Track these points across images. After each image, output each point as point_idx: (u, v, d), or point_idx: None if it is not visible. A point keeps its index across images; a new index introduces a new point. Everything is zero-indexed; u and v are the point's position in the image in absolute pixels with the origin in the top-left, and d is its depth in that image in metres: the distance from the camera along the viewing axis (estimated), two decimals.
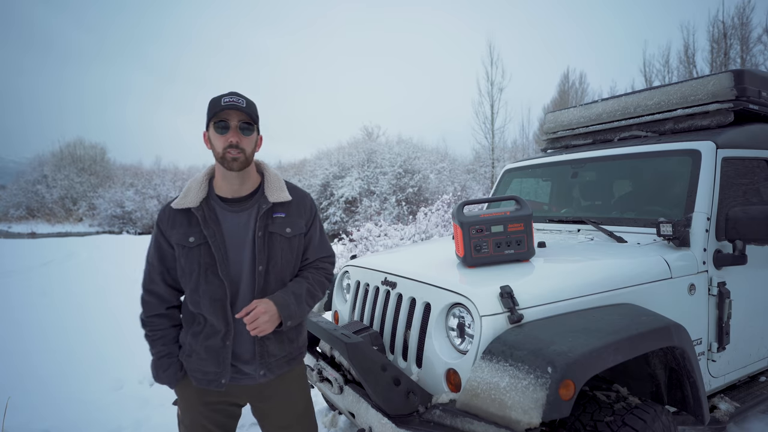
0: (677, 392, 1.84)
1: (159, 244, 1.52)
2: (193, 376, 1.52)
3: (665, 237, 2.17)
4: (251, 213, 1.52)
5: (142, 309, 1.56)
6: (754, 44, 15.54)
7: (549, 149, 3.65)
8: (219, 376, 1.49)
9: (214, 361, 1.49)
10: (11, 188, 34.53)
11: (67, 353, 4.12)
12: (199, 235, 1.47)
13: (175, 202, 1.50)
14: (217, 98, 1.45)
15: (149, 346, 1.56)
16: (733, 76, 2.52)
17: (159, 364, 1.55)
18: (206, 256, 1.46)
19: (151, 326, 1.55)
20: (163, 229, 1.51)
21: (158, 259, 1.53)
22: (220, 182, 1.53)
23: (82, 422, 2.95)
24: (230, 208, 1.52)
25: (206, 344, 1.49)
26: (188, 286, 1.49)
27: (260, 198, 1.55)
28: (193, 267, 1.47)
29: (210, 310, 1.47)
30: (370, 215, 17.80)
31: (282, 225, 1.54)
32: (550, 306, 1.74)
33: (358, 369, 1.73)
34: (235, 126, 1.44)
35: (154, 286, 1.54)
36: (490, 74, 20.08)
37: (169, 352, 1.55)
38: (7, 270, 8.84)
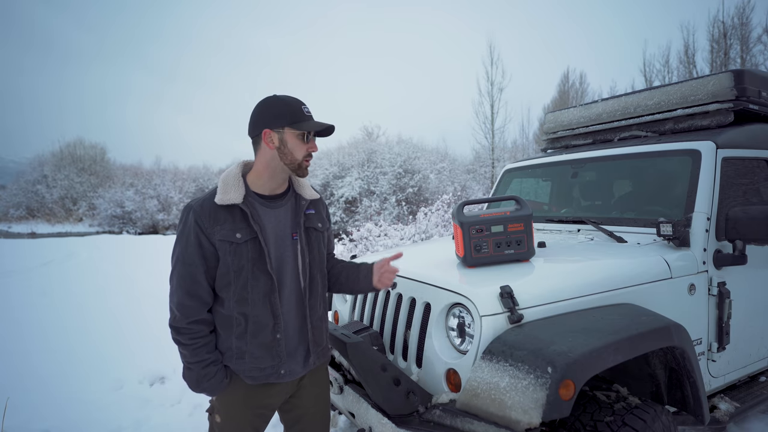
0: (677, 392, 1.84)
1: (200, 242, 1.44)
2: (249, 376, 1.50)
3: (665, 237, 2.17)
4: (287, 209, 1.57)
5: (180, 315, 1.44)
6: (754, 44, 15.55)
7: (549, 149, 3.65)
8: (277, 368, 1.51)
9: (269, 355, 1.49)
10: (11, 188, 34.52)
11: (67, 353, 4.12)
12: (246, 231, 1.45)
13: (217, 197, 1.45)
14: (295, 104, 1.48)
15: (189, 356, 1.46)
16: (733, 76, 2.52)
17: (205, 372, 1.46)
18: (254, 252, 1.46)
19: (191, 333, 1.45)
20: (203, 226, 1.44)
21: (201, 258, 1.44)
22: (263, 181, 1.53)
23: (82, 422, 2.95)
24: (268, 204, 1.54)
25: (256, 342, 1.48)
26: (235, 283, 1.45)
27: (293, 196, 1.60)
28: (242, 263, 1.44)
29: (260, 305, 1.47)
30: (370, 215, 17.80)
31: (314, 220, 1.62)
32: (550, 306, 1.74)
33: (358, 369, 1.73)
34: (312, 136, 1.52)
35: (198, 288, 1.45)
36: (490, 74, 20.09)
37: (215, 359, 1.48)
38: (7, 270, 8.84)
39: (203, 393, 1.50)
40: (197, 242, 1.44)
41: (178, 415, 3.04)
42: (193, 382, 1.48)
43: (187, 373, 1.49)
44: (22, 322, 5.13)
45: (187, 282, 1.45)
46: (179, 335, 1.46)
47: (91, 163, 35.48)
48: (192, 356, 1.46)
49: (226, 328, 1.49)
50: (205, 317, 1.48)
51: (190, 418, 3.01)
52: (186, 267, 1.45)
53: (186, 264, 1.45)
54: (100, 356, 4.02)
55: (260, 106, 1.50)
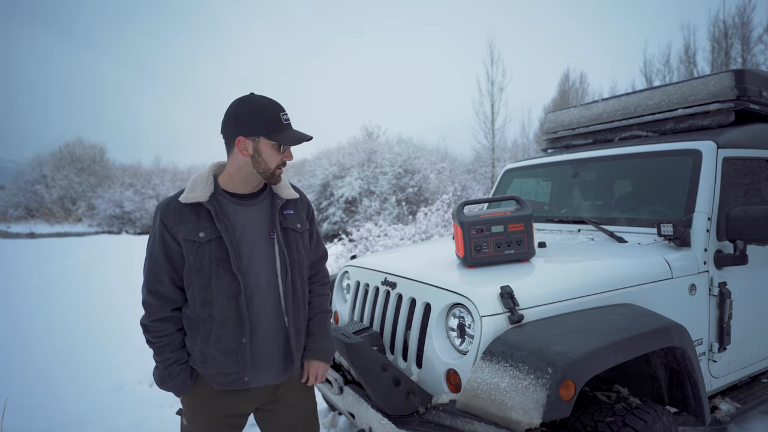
0: (678, 393, 1.83)
1: (164, 240, 1.43)
2: (213, 381, 1.46)
3: (666, 237, 2.16)
4: (262, 208, 1.52)
5: (146, 313, 1.45)
6: (755, 44, 15.56)
7: (549, 149, 3.64)
8: (241, 375, 1.45)
9: (233, 360, 1.44)
10: (10, 188, 34.52)
11: (67, 353, 4.12)
12: (209, 230, 1.42)
13: (182, 196, 1.44)
14: (273, 111, 1.43)
15: (154, 353, 1.47)
16: (734, 76, 2.52)
17: (167, 372, 1.45)
18: (218, 251, 1.42)
19: (156, 332, 1.45)
20: (168, 225, 1.42)
21: (165, 257, 1.43)
22: (235, 182, 1.50)
23: (81, 422, 2.94)
24: (240, 202, 1.50)
25: (219, 346, 1.43)
26: (197, 284, 1.42)
27: (269, 194, 1.56)
28: (204, 263, 1.41)
29: (224, 307, 1.42)
30: (370, 215, 17.80)
31: (293, 221, 1.57)
32: (551, 306, 1.74)
33: (358, 369, 1.73)
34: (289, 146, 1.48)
35: (160, 287, 1.44)
36: (491, 74, 20.08)
37: (178, 358, 1.46)
38: (7, 270, 8.84)
39: (169, 391, 1.50)
40: (162, 241, 1.43)
41: (178, 416, 3.04)
42: (158, 381, 1.49)
43: (155, 371, 1.50)
44: (21, 322, 5.13)
45: (151, 281, 1.44)
46: (146, 333, 1.47)
47: (90, 163, 35.47)
48: (156, 354, 1.46)
49: (191, 329, 1.46)
50: (170, 315, 1.46)
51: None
52: (151, 265, 1.45)
53: (151, 262, 1.45)
54: (99, 356, 4.02)
55: (235, 108, 1.44)
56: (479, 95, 20.32)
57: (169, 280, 1.45)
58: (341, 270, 2.76)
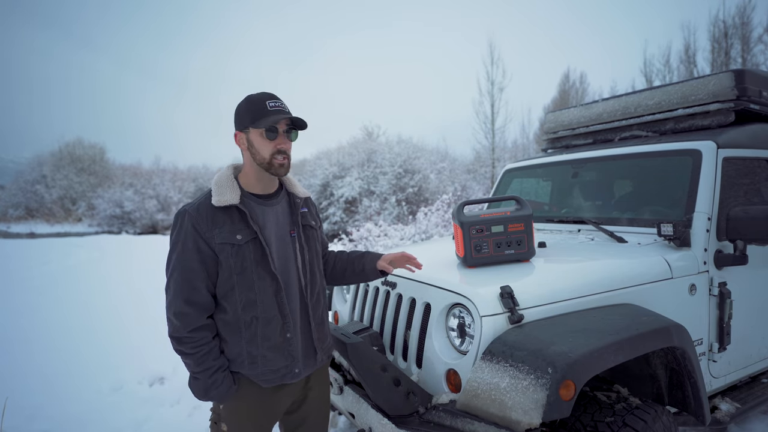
0: (678, 393, 1.83)
1: (198, 247, 1.39)
2: (263, 379, 1.46)
3: (666, 237, 2.16)
4: (283, 207, 1.57)
5: (180, 324, 1.38)
6: (755, 44, 15.57)
7: (549, 149, 3.64)
8: (291, 368, 1.49)
9: (282, 356, 1.47)
10: (10, 188, 34.51)
11: (67, 354, 4.12)
12: (245, 232, 1.42)
13: (214, 199, 1.41)
14: (259, 101, 1.43)
15: (193, 365, 1.40)
16: (734, 76, 2.52)
17: (212, 381, 1.40)
18: (255, 252, 1.43)
19: (193, 342, 1.39)
20: (201, 231, 1.39)
21: (200, 264, 1.39)
22: (252, 182, 1.51)
23: (81, 422, 2.94)
24: (264, 202, 1.52)
25: (268, 344, 1.45)
26: (240, 286, 1.41)
27: (286, 194, 1.60)
28: (245, 264, 1.41)
29: (268, 306, 1.44)
30: (370, 215, 17.79)
31: (309, 218, 1.64)
32: (551, 306, 1.74)
33: (358, 369, 1.73)
34: (282, 132, 1.45)
35: (195, 295, 1.39)
36: (491, 74, 20.10)
37: (221, 365, 1.42)
38: (7, 270, 8.84)
39: (212, 401, 1.47)
40: (195, 248, 1.39)
41: (178, 416, 3.04)
42: (200, 392, 1.43)
43: (194, 383, 1.44)
44: (21, 322, 5.13)
45: (185, 289, 1.39)
46: (181, 345, 1.40)
47: (90, 163, 35.46)
48: (197, 365, 1.40)
49: (233, 333, 1.44)
50: (207, 323, 1.42)
51: (190, 419, 3.00)
52: (184, 274, 1.39)
53: (184, 270, 1.39)
54: (99, 356, 4.01)
55: (235, 108, 1.49)
56: (479, 95, 20.35)
57: (205, 287, 1.41)
58: None
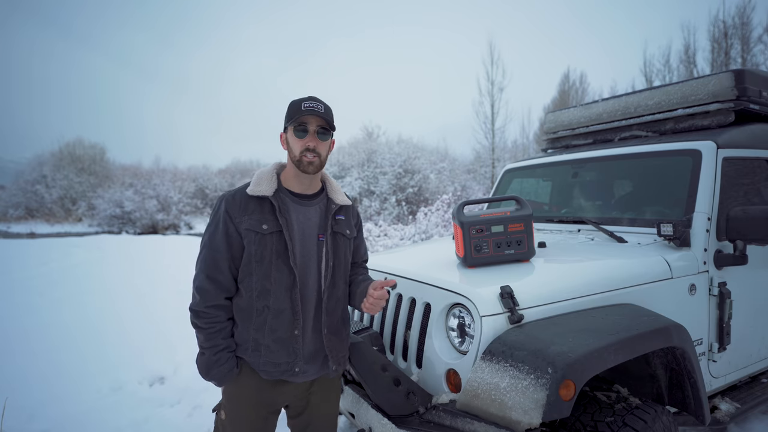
0: (678, 393, 1.83)
1: (227, 230, 1.49)
2: (263, 370, 1.50)
3: (666, 237, 2.16)
4: (317, 210, 1.59)
5: (200, 298, 1.49)
6: (755, 44, 15.57)
7: (549, 149, 3.64)
8: (292, 365, 1.50)
9: (285, 351, 1.50)
10: (10, 188, 34.46)
11: (67, 354, 4.12)
12: (272, 223, 1.49)
13: (249, 189, 1.51)
14: (298, 102, 1.51)
15: (203, 339, 1.49)
16: (734, 76, 2.52)
17: (216, 358, 1.48)
18: (278, 244, 1.49)
19: (208, 318, 1.48)
20: (233, 215, 1.49)
21: (226, 245, 1.49)
22: (291, 179, 1.58)
23: (81, 422, 2.94)
24: (299, 201, 1.57)
25: (275, 336, 1.49)
26: (257, 274, 1.48)
27: (324, 198, 1.63)
28: (265, 254, 1.48)
29: (282, 298, 1.48)
30: (370, 215, 17.79)
31: (343, 226, 1.64)
32: (551, 306, 1.74)
33: (358, 369, 1.73)
34: (313, 131, 1.51)
35: (218, 274, 1.49)
36: (491, 74, 20.13)
37: (228, 345, 1.50)
38: (7, 270, 8.84)
39: (212, 381, 1.51)
40: (225, 230, 1.49)
41: (178, 416, 3.04)
42: (203, 368, 1.50)
43: (200, 358, 1.51)
44: (21, 322, 5.12)
45: (210, 267, 1.49)
46: (197, 318, 1.49)
47: (90, 163, 35.44)
48: (206, 340, 1.48)
49: (244, 319, 1.51)
50: (223, 303, 1.50)
51: (190, 419, 3.00)
52: (211, 252, 1.50)
53: (211, 249, 1.50)
54: (99, 357, 4.01)
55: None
56: (479, 95, 20.39)
57: (228, 269, 1.50)
58: None
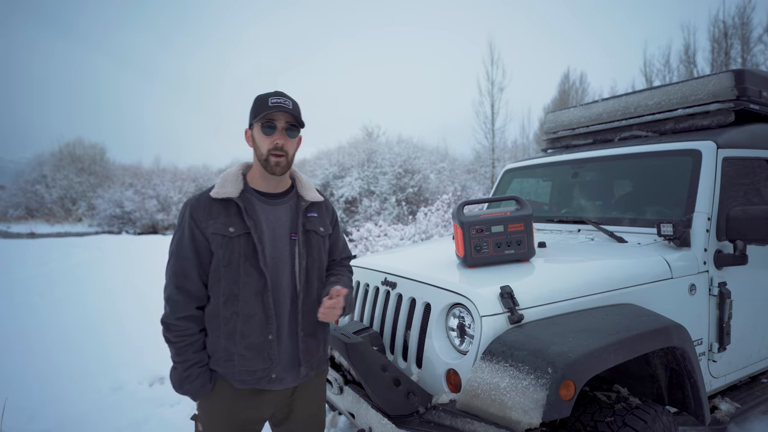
0: (678, 393, 1.83)
1: (194, 235, 1.43)
2: (238, 379, 1.44)
3: (666, 237, 2.16)
4: (287, 209, 1.53)
5: (170, 310, 1.42)
6: (755, 44, 15.57)
7: (549, 149, 3.64)
8: (268, 372, 1.44)
9: (260, 357, 1.43)
10: (10, 188, 34.46)
11: (67, 354, 4.12)
12: (239, 226, 1.43)
13: (213, 191, 1.45)
14: (264, 97, 1.44)
15: (174, 354, 1.43)
16: (734, 76, 2.52)
17: (187, 374, 1.42)
18: (246, 247, 1.42)
19: (178, 330, 1.42)
20: (198, 220, 1.42)
21: (193, 252, 1.42)
22: (258, 179, 1.52)
23: (81, 422, 2.94)
24: (267, 201, 1.51)
25: (246, 343, 1.42)
26: (225, 279, 1.41)
27: (295, 196, 1.57)
28: (233, 258, 1.41)
29: (252, 303, 1.42)
30: (370, 215, 17.80)
31: (316, 224, 1.58)
32: (551, 306, 1.74)
33: (358, 369, 1.73)
34: (281, 128, 1.45)
35: (187, 283, 1.42)
36: (491, 74, 20.13)
37: (198, 360, 1.43)
38: (7, 270, 8.84)
39: (186, 395, 1.46)
40: (191, 236, 1.43)
41: (178, 416, 3.04)
42: (176, 383, 1.45)
43: (173, 373, 1.46)
44: (21, 322, 5.13)
45: (178, 275, 1.43)
46: (168, 332, 1.43)
47: (90, 163, 35.44)
48: (177, 355, 1.43)
49: (214, 328, 1.44)
50: (195, 314, 1.44)
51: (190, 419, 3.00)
52: (178, 260, 1.44)
53: (178, 257, 1.44)
54: (99, 357, 4.01)
55: None
56: (479, 95, 20.39)
57: (197, 276, 1.44)
58: None
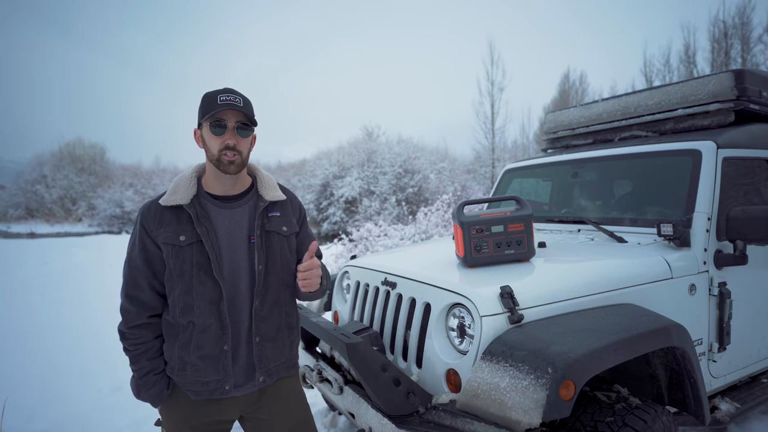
0: (678, 393, 1.83)
1: (144, 245, 1.39)
2: (191, 390, 1.41)
3: (666, 237, 2.16)
4: (245, 211, 1.46)
5: (123, 319, 1.41)
6: (755, 44, 15.58)
7: (549, 149, 3.64)
8: (222, 383, 1.40)
9: (214, 368, 1.39)
10: (10, 188, 34.50)
11: (67, 353, 4.12)
12: (190, 234, 1.37)
13: (162, 198, 1.39)
14: (212, 95, 1.37)
15: (130, 362, 1.42)
16: (734, 76, 2.52)
17: (143, 382, 1.41)
18: (199, 256, 1.37)
19: (132, 339, 1.40)
20: (148, 229, 1.38)
21: (144, 262, 1.39)
22: (212, 181, 1.45)
23: (81, 422, 2.94)
24: (223, 205, 1.44)
25: (201, 353, 1.38)
26: (178, 289, 1.37)
27: (254, 196, 1.50)
28: (185, 267, 1.36)
29: (205, 313, 1.37)
30: (370, 215, 17.80)
31: (278, 223, 1.50)
32: (551, 306, 1.74)
33: (358, 369, 1.73)
34: (232, 127, 1.37)
35: (138, 292, 1.40)
36: (491, 74, 20.13)
37: (154, 367, 1.41)
38: (7, 270, 8.84)
39: (145, 401, 1.44)
40: (142, 245, 1.39)
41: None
42: (134, 390, 1.44)
43: (131, 381, 1.45)
44: (22, 322, 5.13)
45: (129, 285, 1.40)
46: (123, 340, 1.42)
47: (90, 163, 35.48)
48: (132, 363, 1.42)
49: (170, 336, 1.42)
50: (147, 322, 1.41)
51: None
52: (129, 270, 1.41)
53: (130, 267, 1.41)
54: (100, 357, 4.02)
55: None
56: (479, 95, 20.40)
57: (148, 286, 1.40)
58: (341, 270, 2.76)
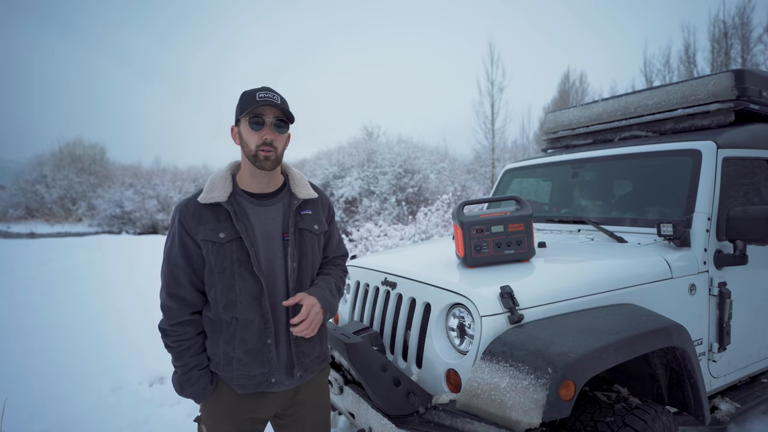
0: (678, 393, 1.83)
1: (184, 242, 1.40)
2: (238, 384, 1.42)
3: (666, 237, 2.16)
4: (279, 208, 1.49)
5: (165, 317, 1.42)
6: (755, 44, 15.58)
7: (549, 149, 3.64)
8: (267, 376, 1.42)
9: (259, 362, 1.41)
10: (10, 188, 34.49)
11: (67, 353, 4.12)
12: (230, 231, 1.39)
13: (201, 196, 1.41)
14: (251, 93, 1.40)
15: (173, 358, 1.43)
16: (734, 76, 2.52)
17: (187, 378, 1.42)
18: (239, 252, 1.39)
19: (175, 336, 1.41)
20: (187, 226, 1.40)
21: (185, 259, 1.41)
22: (247, 179, 1.48)
23: (81, 422, 2.94)
24: (258, 202, 1.47)
25: (245, 348, 1.40)
26: (219, 285, 1.39)
27: (287, 194, 1.52)
28: (226, 264, 1.38)
29: (250, 308, 1.40)
30: (370, 215, 17.81)
31: (310, 221, 1.53)
32: (551, 306, 1.74)
33: (358, 369, 1.73)
34: (270, 123, 1.41)
35: (179, 290, 1.41)
36: (491, 74, 20.14)
37: (198, 363, 1.43)
38: (7, 270, 8.84)
39: (188, 398, 1.46)
40: (181, 242, 1.41)
41: (178, 416, 3.04)
42: (177, 387, 1.45)
43: (174, 377, 1.47)
44: (22, 322, 5.13)
45: (170, 283, 1.42)
46: (165, 337, 1.43)
47: (90, 163, 35.48)
48: (176, 359, 1.43)
49: (214, 332, 1.43)
50: (190, 319, 1.43)
51: (190, 419, 3.00)
52: (169, 267, 1.42)
53: (170, 264, 1.42)
54: (99, 356, 4.02)
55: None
56: (479, 95, 20.41)
57: (189, 283, 1.42)
58: None
